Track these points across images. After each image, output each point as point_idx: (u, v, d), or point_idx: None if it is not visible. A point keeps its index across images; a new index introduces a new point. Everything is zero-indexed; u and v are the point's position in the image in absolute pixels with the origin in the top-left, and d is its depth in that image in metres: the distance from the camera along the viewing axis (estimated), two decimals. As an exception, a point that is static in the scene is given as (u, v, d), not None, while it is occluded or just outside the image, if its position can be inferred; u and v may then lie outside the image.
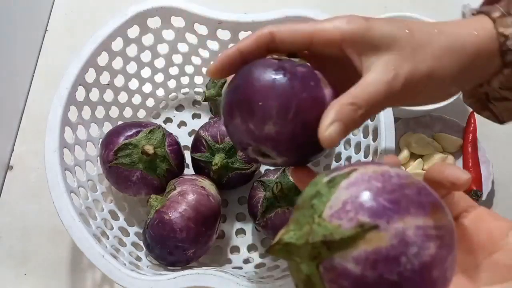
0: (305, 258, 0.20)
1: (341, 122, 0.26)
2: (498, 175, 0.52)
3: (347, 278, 0.18)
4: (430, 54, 0.28)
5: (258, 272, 0.45)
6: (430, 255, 0.18)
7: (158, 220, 0.41)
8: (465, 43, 0.28)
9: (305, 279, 0.20)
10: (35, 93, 0.60)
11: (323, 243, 0.19)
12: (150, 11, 0.47)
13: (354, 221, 0.18)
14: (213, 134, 0.47)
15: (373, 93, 0.26)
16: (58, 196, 0.39)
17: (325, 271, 0.19)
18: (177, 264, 0.42)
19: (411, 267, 0.18)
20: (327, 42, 0.28)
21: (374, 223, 0.18)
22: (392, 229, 0.18)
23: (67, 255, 0.50)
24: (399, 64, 0.27)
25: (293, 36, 0.29)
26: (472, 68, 0.29)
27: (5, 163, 0.55)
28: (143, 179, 0.45)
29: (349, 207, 0.19)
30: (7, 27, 0.56)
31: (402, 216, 0.18)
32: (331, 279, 0.19)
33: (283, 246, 0.21)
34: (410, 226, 0.18)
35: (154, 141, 0.46)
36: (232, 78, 0.30)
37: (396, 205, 0.18)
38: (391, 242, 0.18)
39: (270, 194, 0.45)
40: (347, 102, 0.26)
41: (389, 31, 0.28)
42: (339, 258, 0.18)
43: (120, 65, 0.50)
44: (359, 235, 0.18)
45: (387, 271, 0.17)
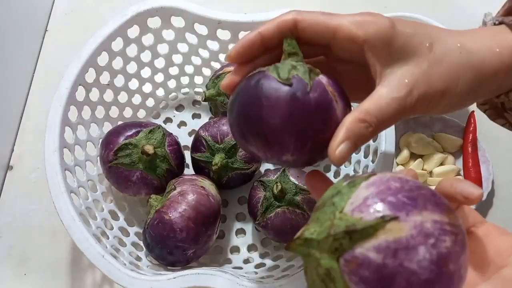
0: (325, 252, 0.20)
1: (350, 141, 0.26)
2: (498, 175, 0.52)
3: (368, 268, 0.19)
4: (447, 71, 0.27)
5: (258, 272, 0.45)
6: (446, 247, 0.19)
7: (158, 220, 0.41)
8: (485, 60, 0.28)
9: (324, 274, 0.20)
10: (35, 93, 0.60)
11: (346, 233, 0.19)
12: (150, 11, 0.47)
13: (375, 213, 0.19)
14: (213, 134, 0.47)
15: (385, 110, 0.26)
16: (58, 196, 0.39)
17: (345, 263, 0.19)
18: (177, 264, 0.42)
19: (430, 257, 0.18)
20: (349, 40, 0.28)
21: (395, 215, 0.19)
22: (411, 221, 0.19)
23: (67, 255, 0.50)
24: (415, 80, 0.27)
25: (316, 28, 0.28)
26: (489, 84, 0.29)
27: (5, 163, 0.55)
28: (143, 179, 0.45)
29: (369, 202, 0.20)
30: (7, 27, 0.56)
31: (420, 210, 0.19)
32: (352, 270, 0.19)
33: (303, 241, 0.21)
34: (428, 220, 0.19)
35: (154, 141, 0.46)
36: (238, 96, 0.29)
37: (414, 201, 0.20)
38: (411, 233, 0.19)
39: (270, 194, 0.45)
40: (358, 119, 0.26)
41: (411, 43, 0.27)
42: (361, 248, 0.19)
43: (120, 65, 0.50)
44: (380, 225, 0.19)
45: (407, 260, 0.18)
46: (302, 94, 0.27)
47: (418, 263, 0.18)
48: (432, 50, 0.27)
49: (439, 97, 0.27)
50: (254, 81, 0.28)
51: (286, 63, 0.28)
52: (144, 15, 0.47)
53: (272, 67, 0.28)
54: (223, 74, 0.49)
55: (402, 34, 0.27)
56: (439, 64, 0.27)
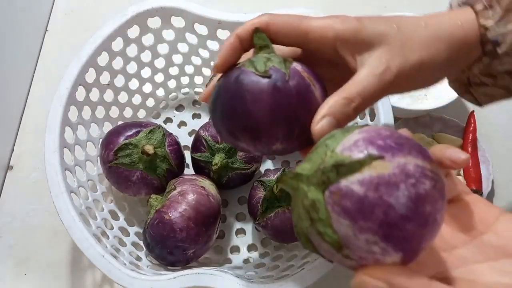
0: (313, 185, 0.22)
1: (332, 116, 0.27)
2: (498, 175, 0.52)
3: (351, 198, 0.20)
4: (418, 45, 0.29)
5: (258, 272, 0.45)
6: (424, 189, 0.20)
7: (158, 220, 0.41)
8: (451, 33, 0.30)
9: (309, 205, 0.22)
10: (35, 93, 0.60)
11: (334, 167, 0.21)
12: (150, 11, 0.47)
13: (363, 152, 0.21)
14: (213, 134, 0.47)
15: (366, 86, 0.28)
16: (58, 196, 0.39)
17: (330, 194, 0.21)
18: (177, 264, 0.42)
19: (408, 194, 0.20)
20: (321, 40, 0.29)
21: (381, 154, 0.21)
22: (395, 161, 0.21)
23: (67, 255, 0.50)
24: (390, 57, 0.29)
25: (288, 30, 0.30)
26: (458, 56, 0.31)
27: (5, 163, 0.55)
28: (143, 179, 0.45)
29: (359, 144, 0.22)
30: (7, 27, 0.56)
31: (405, 154, 0.21)
32: (335, 201, 0.21)
33: (294, 175, 0.23)
34: (411, 163, 0.21)
35: (154, 141, 0.46)
36: (219, 95, 0.29)
37: (400, 146, 0.21)
38: (394, 171, 0.20)
39: (270, 194, 0.45)
40: (339, 97, 0.28)
41: (379, 28, 0.29)
42: (346, 181, 0.21)
43: (120, 65, 0.50)
44: (366, 162, 0.21)
45: (387, 194, 0.20)
46: (282, 83, 0.28)
47: (396, 198, 0.20)
48: (399, 31, 0.29)
49: (417, 71, 0.29)
50: (233, 78, 0.28)
51: (260, 57, 0.29)
52: (144, 15, 0.47)
53: (247, 62, 0.29)
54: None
55: (368, 24, 0.29)
56: (410, 40, 0.29)
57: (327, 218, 0.21)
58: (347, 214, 0.20)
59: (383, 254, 0.20)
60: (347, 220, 0.20)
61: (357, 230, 0.20)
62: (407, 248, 0.21)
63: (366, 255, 0.21)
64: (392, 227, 0.20)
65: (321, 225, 0.21)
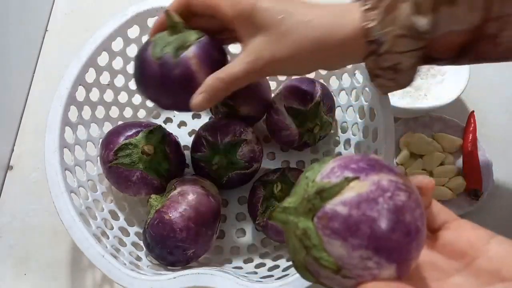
0: (301, 215, 0.24)
1: (207, 93, 0.36)
2: (498, 175, 0.52)
3: (337, 219, 0.22)
4: (291, 42, 0.34)
5: (258, 272, 0.45)
6: (401, 200, 0.22)
7: (158, 220, 0.41)
8: (332, 33, 0.33)
9: (301, 234, 0.23)
10: (35, 93, 0.60)
11: (316, 194, 0.23)
12: (150, 11, 0.47)
13: (340, 176, 0.23)
14: (213, 134, 0.47)
15: (237, 71, 0.35)
16: (58, 196, 0.39)
17: (318, 220, 0.23)
18: (177, 264, 0.42)
19: (387, 206, 0.22)
20: (224, 17, 0.36)
21: (356, 175, 0.23)
22: (370, 179, 0.23)
23: (67, 255, 0.50)
24: (264, 48, 0.34)
25: (202, 8, 0.37)
26: (336, 54, 0.35)
27: (5, 163, 0.55)
28: (143, 179, 0.45)
29: (335, 170, 0.24)
30: (7, 27, 0.56)
31: (377, 173, 0.23)
32: (324, 225, 0.22)
33: (282, 209, 0.25)
34: (384, 179, 0.23)
35: (154, 141, 0.46)
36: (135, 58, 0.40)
37: (372, 167, 0.23)
38: (370, 188, 0.22)
39: (270, 194, 0.45)
40: (214, 77, 0.36)
41: (265, 19, 0.34)
42: (330, 205, 0.22)
43: (120, 65, 0.50)
44: (344, 184, 0.23)
45: (369, 209, 0.22)
46: (167, 71, 0.36)
47: (378, 211, 0.21)
48: (281, 24, 0.34)
49: (284, 62, 0.34)
50: (141, 51, 0.38)
51: (163, 39, 0.38)
52: (144, 15, 0.47)
53: (154, 41, 0.38)
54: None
55: (259, 10, 0.34)
56: (288, 35, 0.34)
57: (319, 242, 0.22)
58: (337, 234, 0.22)
59: (378, 268, 0.22)
60: (338, 240, 0.22)
61: (350, 248, 0.22)
62: (398, 258, 0.22)
63: (363, 272, 0.22)
64: (380, 239, 0.21)
65: (316, 250, 0.23)
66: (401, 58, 0.33)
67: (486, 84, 0.59)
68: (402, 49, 0.32)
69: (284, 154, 0.55)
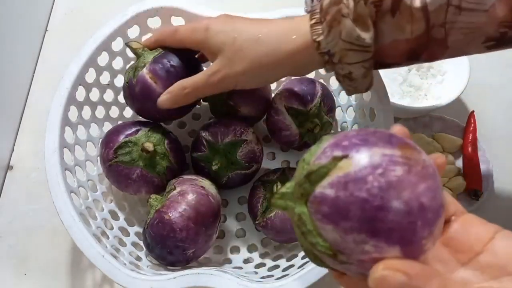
0: (297, 200, 0.23)
1: (170, 94, 0.42)
2: (498, 175, 0.52)
3: (326, 203, 0.21)
4: (245, 57, 0.38)
5: (258, 272, 0.45)
6: (396, 176, 0.20)
7: (158, 220, 0.41)
8: (281, 47, 0.37)
9: (297, 220, 0.23)
10: (35, 93, 0.60)
11: (306, 177, 0.22)
12: (150, 11, 0.47)
13: (329, 157, 0.21)
14: (213, 134, 0.47)
15: (197, 82, 0.40)
16: (58, 196, 0.39)
17: (311, 205, 0.22)
18: (177, 264, 0.42)
19: (378, 184, 0.20)
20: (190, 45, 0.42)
21: (345, 154, 0.21)
22: (359, 156, 0.21)
23: (67, 255, 0.50)
24: (220, 65, 0.39)
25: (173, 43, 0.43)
26: (288, 64, 0.38)
27: (5, 163, 0.55)
28: (143, 176, 0.45)
29: (327, 150, 0.22)
30: (7, 27, 0.56)
31: (370, 147, 0.21)
32: (315, 209, 0.21)
33: (280, 196, 0.24)
34: (377, 154, 0.21)
35: (154, 138, 0.46)
36: None
37: (365, 141, 0.21)
38: (359, 166, 0.20)
39: (270, 194, 0.45)
40: (178, 84, 0.41)
41: (218, 41, 0.39)
42: (319, 188, 0.21)
43: (120, 65, 0.50)
44: (332, 165, 0.21)
45: (357, 189, 0.20)
46: (132, 90, 0.44)
47: (367, 191, 0.20)
48: (234, 43, 0.38)
49: (241, 75, 0.39)
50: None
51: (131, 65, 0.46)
52: (144, 15, 0.47)
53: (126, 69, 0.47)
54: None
55: (212, 36, 0.39)
56: (239, 53, 0.38)
57: (314, 228, 0.21)
58: (328, 218, 0.21)
59: (378, 251, 0.20)
60: (330, 225, 0.21)
61: (342, 232, 0.20)
62: (400, 240, 0.20)
63: (362, 256, 0.20)
64: (374, 221, 0.20)
65: (311, 236, 0.22)
66: (352, 69, 0.35)
67: (486, 84, 0.59)
68: (351, 61, 0.34)
69: (284, 154, 0.55)
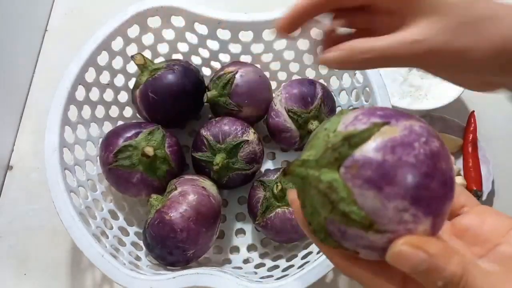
0: (325, 167, 0.21)
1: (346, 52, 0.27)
2: (498, 175, 0.52)
3: (370, 167, 0.20)
4: (482, 34, 0.25)
5: (258, 272, 0.45)
6: (436, 147, 0.20)
7: (158, 220, 0.41)
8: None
9: (326, 188, 0.21)
10: (35, 92, 0.60)
11: (344, 140, 0.21)
12: (150, 11, 0.47)
13: (367, 123, 0.21)
14: (214, 133, 0.47)
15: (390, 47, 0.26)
16: (58, 196, 0.39)
17: (346, 169, 0.20)
18: (177, 264, 0.42)
19: (424, 151, 0.20)
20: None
21: (386, 121, 0.21)
22: (401, 124, 0.20)
23: (67, 255, 0.50)
24: (434, 33, 0.26)
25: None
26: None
27: (5, 163, 0.55)
28: (143, 180, 0.45)
29: (360, 117, 0.21)
30: (7, 27, 0.56)
31: (407, 119, 0.21)
32: (354, 174, 0.20)
33: (301, 163, 0.22)
34: (415, 124, 0.21)
35: (154, 142, 0.45)
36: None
37: (400, 113, 0.21)
38: (403, 133, 0.20)
39: (270, 194, 0.45)
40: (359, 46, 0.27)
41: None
42: (360, 152, 0.20)
43: (120, 64, 0.50)
44: (374, 130, 0.20)
45: (405, 154, 0.20)
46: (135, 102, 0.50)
47: (415, 157, 0.20)
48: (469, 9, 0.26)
49: (455, 58, 0.26)
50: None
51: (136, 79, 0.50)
52: (144, 14, 0.47)
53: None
54: (224, 75, 0.49)
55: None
56: (470, 24, 0.26)
57: (348, 195, 0.20)
58: (370, 183, 0.20)
59: (414, 221, 0.20)
60: (372, 190, 0.20)
61: (385, 199, 0.19)
62: (434, 211, 0.20)
63: (398, 226, 0.20)
64: (419, 188, 0.19)
65: (344, 204, 0.20)
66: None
67: (486, 84, 0.59)
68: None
69: (284, 154, 0.55)
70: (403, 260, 0.20)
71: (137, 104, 0.49)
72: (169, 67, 0.48)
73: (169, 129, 0.49)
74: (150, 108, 0.48)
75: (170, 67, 0.48)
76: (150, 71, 0.48)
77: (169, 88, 0.47)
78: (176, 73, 0.47)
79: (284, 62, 0.54)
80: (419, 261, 0.19)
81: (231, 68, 0.49)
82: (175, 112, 0.49)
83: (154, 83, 0.47)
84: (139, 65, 0.48)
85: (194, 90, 0.49)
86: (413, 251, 0.19)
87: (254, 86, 0.49)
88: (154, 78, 0.47)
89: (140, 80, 0.49)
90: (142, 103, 0.48)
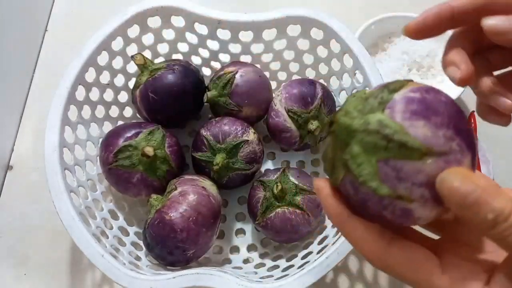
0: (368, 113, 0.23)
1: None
2: (498, 175, 0.52)
3: (414, 102, 0.22)
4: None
5: (258, 272, 0.45)
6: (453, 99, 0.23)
7: (158, 220, 0.41)
8: None
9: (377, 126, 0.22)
10: (35, 92, 0.60)
11: (383, 87, 0.24)
12: (150, 11, 0.47)
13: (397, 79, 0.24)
14: (214, 133, 0.47)
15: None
16: (58, 196, 0.39)
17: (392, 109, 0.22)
18: (177, 264, 0.42)
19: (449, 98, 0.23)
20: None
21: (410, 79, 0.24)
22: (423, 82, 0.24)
23: (67, 255, 0.50)
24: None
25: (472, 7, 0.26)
26: None
27: (5, 163, 0.55)
28: (143, 180, 0.45)
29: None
30: (7, 27, 0.56)
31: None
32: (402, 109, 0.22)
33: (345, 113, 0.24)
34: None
35: (154, 142, 0.45)
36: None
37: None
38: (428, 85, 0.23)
39: (270, 194, 0.45)
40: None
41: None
42: (400, 95, 0.23)
43: (120, 64, 0.50)
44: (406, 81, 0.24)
45: (437, 94, 0.23)
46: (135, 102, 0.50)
47: (445, 97, 0.23)
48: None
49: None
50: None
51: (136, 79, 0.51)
52: (144, 14, 0.47)
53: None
54: (224, 75, 0.49)
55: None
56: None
57: (401, 128, 0.22)
58: (418, 114, 0.22)
59: (461, 152, 0.21)
60: (421, 120, 0.21)
61: (434, 127, 0.21)
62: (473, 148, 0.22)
63: (448, 156, 0.21)
64: (457, 119, 0.22)
65: (400, 134, 0.21)
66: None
67: (487, 84, 0.59)
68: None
69: (284, 154, 0.55)
70: (454, 190, 0.20)
71: (137, 104, 0.49)
72: (169, 67, 0.48)
73: (169, 129, 0.49)
74: (150, 108, 0.48)
75: (170, 67, 0.48)
76: (150, 71, 0.48)
77: (169, 88, 0.47)
78: (176, 73, 0.47)
79: (284, 62, 0.54)
80: (469, 193, 0.19)
81: (231, 68, 0.49)
82: (175, 112, 0.49)
83: (154, 83, 0.47)
84: (139, 65, 0.48)
85: (194, 90, 0.49)
86: (465, 182, 0.20)
87: (254, 86, 0.49)
88: (154, 78, 0.47)
89: (140, 80, 0.49)
90: (142, 103, 0.48)
